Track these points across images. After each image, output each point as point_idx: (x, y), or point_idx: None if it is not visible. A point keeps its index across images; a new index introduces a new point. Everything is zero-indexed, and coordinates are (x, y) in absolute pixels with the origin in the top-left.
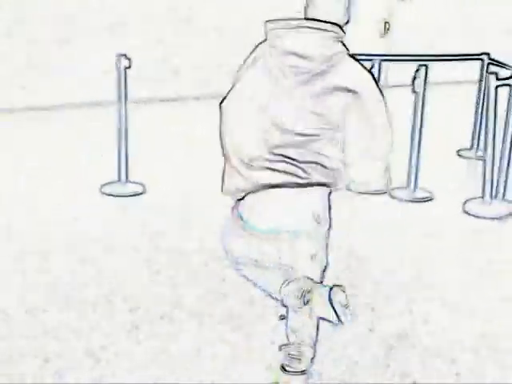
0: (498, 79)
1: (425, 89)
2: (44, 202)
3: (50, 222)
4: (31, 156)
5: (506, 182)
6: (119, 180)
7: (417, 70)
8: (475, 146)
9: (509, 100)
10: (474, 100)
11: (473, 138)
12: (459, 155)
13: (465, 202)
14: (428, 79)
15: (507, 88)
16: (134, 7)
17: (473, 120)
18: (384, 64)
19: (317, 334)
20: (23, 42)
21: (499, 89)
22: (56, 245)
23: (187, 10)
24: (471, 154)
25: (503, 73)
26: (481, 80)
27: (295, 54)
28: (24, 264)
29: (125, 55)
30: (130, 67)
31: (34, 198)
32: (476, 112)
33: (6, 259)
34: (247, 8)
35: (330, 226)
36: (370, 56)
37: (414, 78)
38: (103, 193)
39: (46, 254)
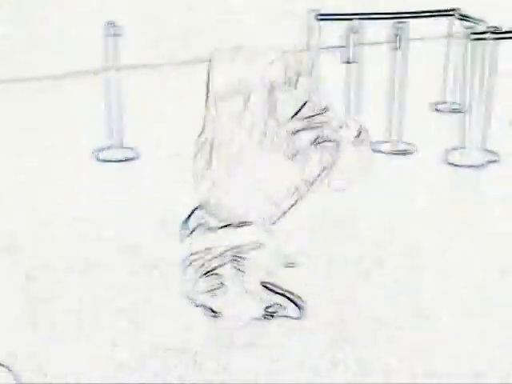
0: (473, 34)
1: (405, 46)
2: (37, 171)
3: (47, 190)
4: (23, 126)
5: (483, 132)
6: (113, 146)
7: (396, 28)
8: (450, 100)
9: (486, 54)
10: (446, 55)
11: (447, 93)
12: (435, 109)
13: (446, 153)
14: (407, 36)
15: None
16: None
17: (445, 74)
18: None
19: None
20: (8, 13)
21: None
22: (60, 211)
23: None
24: (446, 107)
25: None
26: (451, 35)
27: None
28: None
29: (113, 23)
30: (119, 35)
31: (26, 168)
32: (448, 66)
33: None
34: None
35: None
36: (348, 15)
37: (395, 36)
38: (97, 159)
39: (51, 223)
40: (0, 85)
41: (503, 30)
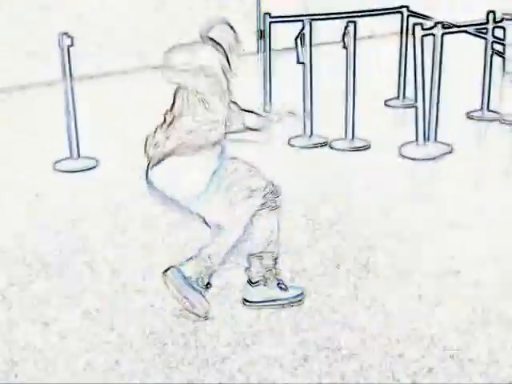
0: (423, 29)
1: (355, 44)
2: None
3: (10, 202)
4: None
5: (436, 125)
6: (71, 156)
7: (346, 27)
8: (401, 95)
9: (434, 48)
10: (397, 52)
11: (399, 88)
12: (387, 105)
13: (400, 147)
14: (356, 35)
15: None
16: None
17: (397, 71)
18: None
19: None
20: None
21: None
22: (23, 222)
23: None
24: (398, 102)
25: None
26: (402, 32)
27: None
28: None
29: (67, 33)
30: (72, 45)
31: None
32: (400, 63)
33: None
34: None
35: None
36: (299, 17)
37: (344, 35)
38: (57, 169)
39: (17, 232)
40: None
41: (451, 24)
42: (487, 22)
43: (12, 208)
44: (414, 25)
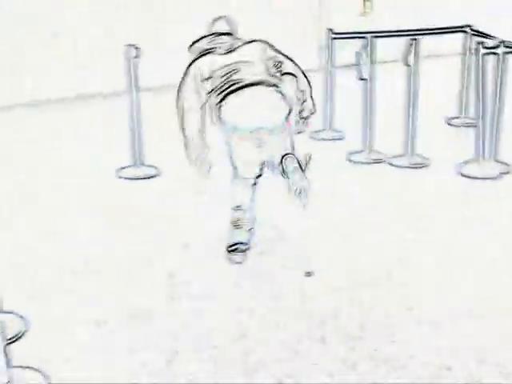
0: (485, 48)
1: (417, 62)
2: (65, 188)
3: (72, 205)
4: (50, 145)
5: (497, 144)
6: (134, 164)
7: (410, 45)
8: (463, 114)
9: (497, 68)
10: (459, 71)
11: (460, 107)
12: (449, 123)
13: (460, 165)
14: (419, 52)
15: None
16: None
17: (459, 89)
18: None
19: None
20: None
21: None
22: (85, 223)
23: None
24: (460, 121)
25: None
26: (465, 51)
27: None
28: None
29: (133, 45)
30: (138, 56)
31: (55, 185)
32: (462, 81)
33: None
34: None
35: None
36: (362, 33)
37: (405, 53)
38: (120, 176)
39: (77, 233)
40: (25, 106)
41: None
42: None
43: (75, 211)
44: (477, 44)
